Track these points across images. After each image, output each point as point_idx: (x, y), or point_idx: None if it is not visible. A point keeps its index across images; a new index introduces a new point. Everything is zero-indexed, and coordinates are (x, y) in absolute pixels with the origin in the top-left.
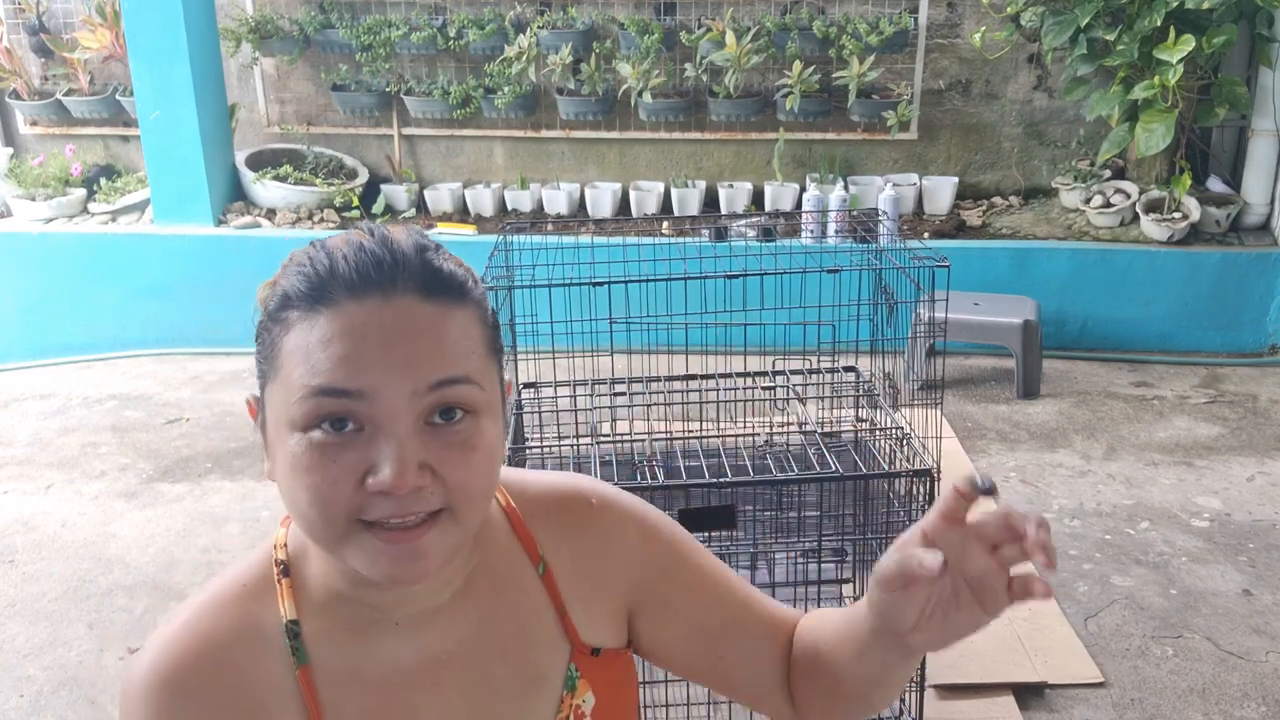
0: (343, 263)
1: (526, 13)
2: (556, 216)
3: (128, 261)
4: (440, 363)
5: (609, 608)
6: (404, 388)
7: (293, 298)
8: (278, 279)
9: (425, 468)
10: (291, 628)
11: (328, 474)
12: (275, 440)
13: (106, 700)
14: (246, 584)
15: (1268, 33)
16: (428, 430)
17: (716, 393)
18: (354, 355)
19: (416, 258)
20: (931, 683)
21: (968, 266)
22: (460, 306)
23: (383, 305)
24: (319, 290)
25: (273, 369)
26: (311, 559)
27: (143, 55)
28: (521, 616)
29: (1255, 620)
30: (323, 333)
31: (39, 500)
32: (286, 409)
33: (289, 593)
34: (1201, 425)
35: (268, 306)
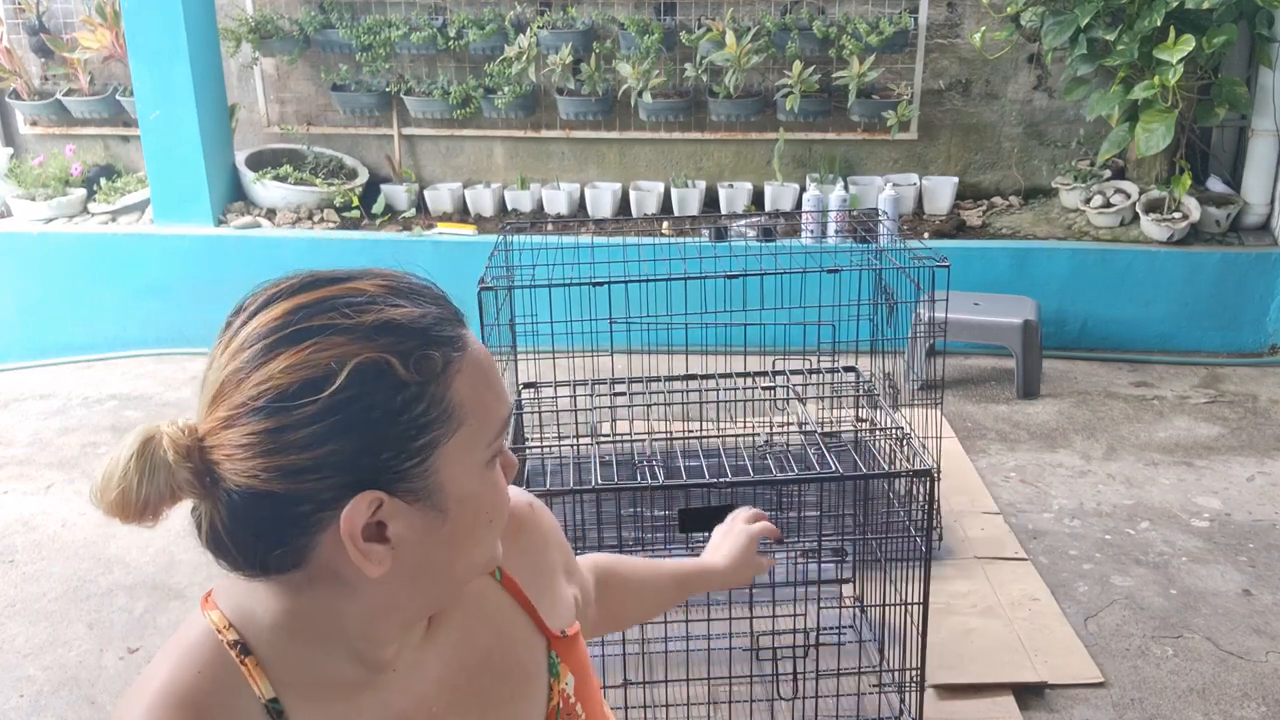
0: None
1: (526, 13)
2: (556, 216)
3: (128, 261)
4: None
5: (557, 591)
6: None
7: (436, 344)
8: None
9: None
10: (273, 706)
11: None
12: (470, 492)
13: (106, 700)
14: (203, 671)
15: (1268, 33)
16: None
17: (716, 393)
18: (496, 380)
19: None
20: (931, 683)
21: (968, 266)
22: None
23: (468, 333)
24: (439, 325)
25: (450, 424)
26: (275, 630)
27: (143, 55)
28: (495, 625)
29: (1255, 620)
30: (477, 362)
31: (39, 500)
32: (488, 444)
33: (257, 671)
34: (1201, 425)
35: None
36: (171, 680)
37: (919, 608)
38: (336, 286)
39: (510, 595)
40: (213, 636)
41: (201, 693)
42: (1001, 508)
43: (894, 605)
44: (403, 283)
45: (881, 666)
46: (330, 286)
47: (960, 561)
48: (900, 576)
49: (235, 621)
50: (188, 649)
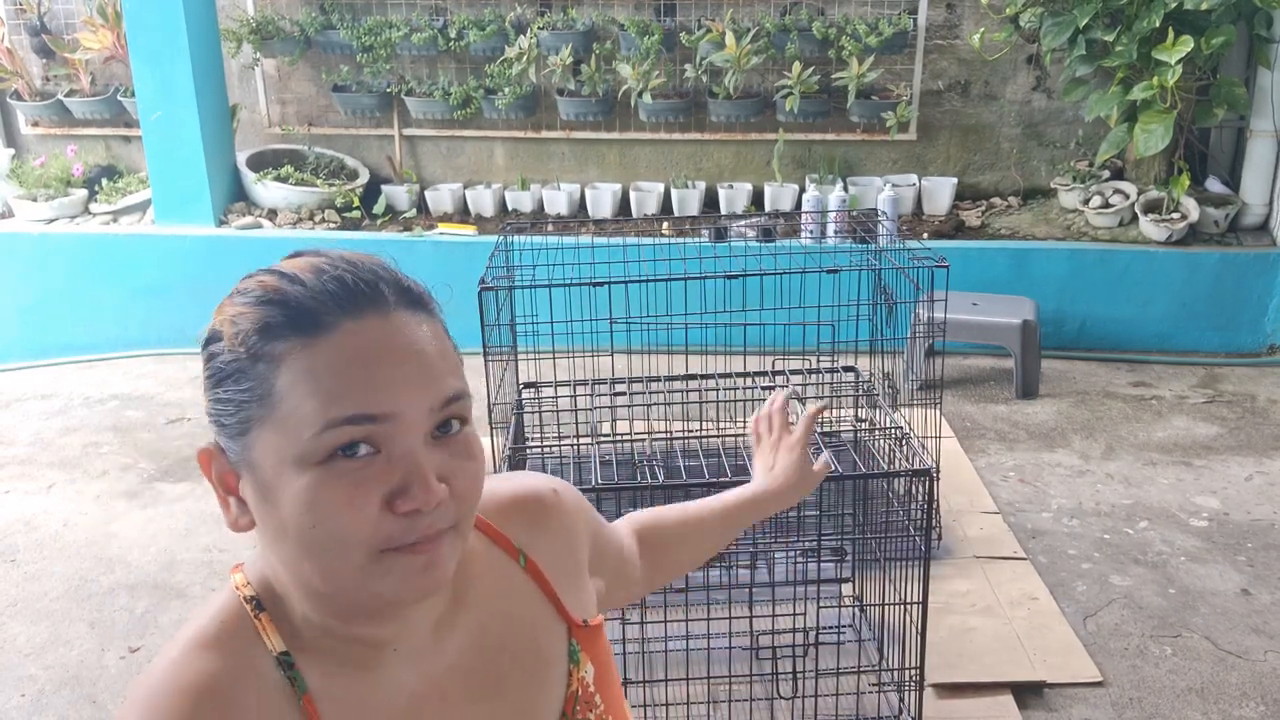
0: (325, 284)
1: (527, 14)
2: (557, 217)
3: (129, 262)
4: (444, 377)
5: (581, 580)
6: (421, 406)
7: (278, 327)
8: (239, 313)
9: (442, 480)
10: (284, 659)
11: (353, 500)
12: (273, 484)
13: (107, 699)
14: (224, 621)
15: (1266, 33)
16: (433, 444)
17: (716, 393)
18: (371, 377)
19: (390, 273)
20: (930, 682)
21: (967, 267)
22: (435, 319)
23: (381, 321)
24: (309, 315)
25: (264, 409)
26: (286, 598)
27: (144, 56)
28: (516, 610)
29: (1254, 619)
30: (328, 359)
31: (40, 500)
32: (296, 445)
33: (271, 627)
34: (1200, 425)
35: (244, 343)
36: (195, 630)
37: (918, 607)
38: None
39: (533, 581)
40: (234, 594)
41: (221, 639)
42: (1000, 507)
43: (893, 604)
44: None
45: (881, 665)
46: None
47: (959, 561)
48: (900, 576)
49: (254, 580)
50: (212, 605)
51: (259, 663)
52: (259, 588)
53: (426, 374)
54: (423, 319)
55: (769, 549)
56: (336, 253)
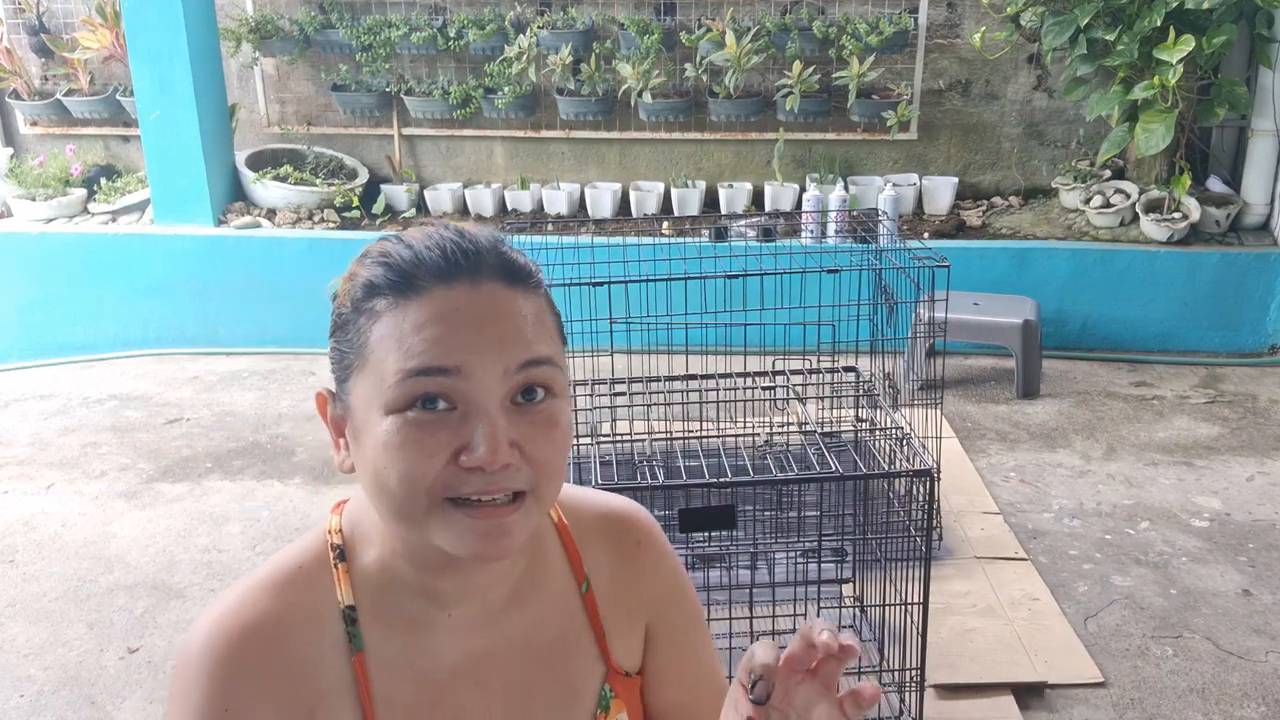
0: (427, 252)
1: (526, 13)
2: (557, 217)
3: (128, 261)
4: (527, 344)
5: (637, 632)
6: (496, 367)
7: (380, 286)
8: (355, 272)
9: (514, 445)
10: (349, 613)
11: (423, 450)
12: (363, 427)
13: (106, 700)
14: (303, 565)
15: (1267, 33)
16: (514, 410)
17: (716, 393)
18: (448, 336)
19: (494, 248)
20: (931, 682)
21: (967, 266)
22: (535, 294)
23: (470, 290)
24: (407, 278)
25: (360, 358)
26: (369, 544)
27: (143, 55)
28: (562, 630)
29: (1255, 620)
30: (416, 318)
31: (39, 500)
32: (380, 394)
33: (345, 578)
34: (1201, 425)
35: (351, 297)
36: (276, 568)
37: (919, 607)
38: (417, 225)
39: (586, 612)
40: (323, 538)
41: (295, 582)
42: (1001, 507)
43: (894, 605)
44: (442, 232)
45: (881, 666)
46: (416, 225)
47: (960, 561)
48: (900, 576)
49: (345, 527)
50: (303, 544)
51: (324, 612)
52: (349, 532)
53: (506, 338)
54: (518, 292)
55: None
56: (456, 224)
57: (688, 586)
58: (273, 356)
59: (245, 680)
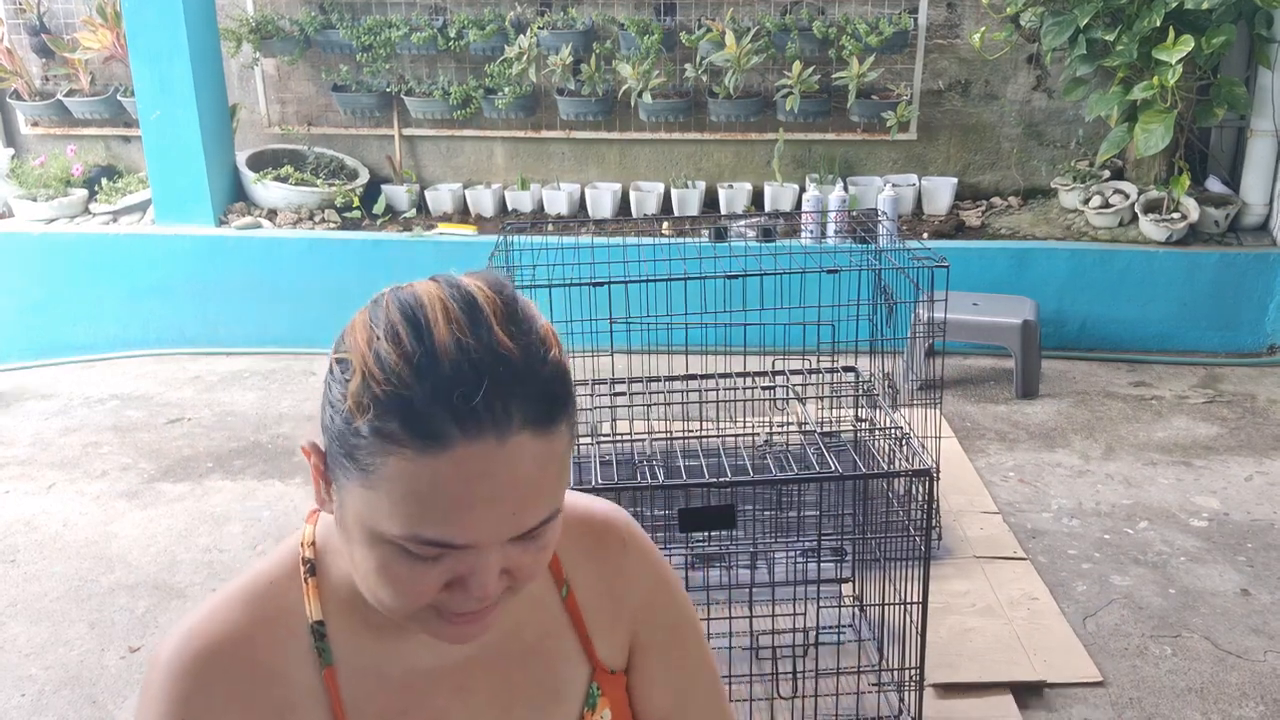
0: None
1: (527, 13)
2: (557, 217)
3: (129, 262)
4: (539, 506)
5: (622, 633)
6: (504, 534)
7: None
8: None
9: (505, 573)
10: (317, 628)
11: (413, 578)
12: (351, 529)
13: (108, 700)
14: (274, 580)
15: (1267, 33)
16: (511, 545)
17: (716, 393)
18: (466, 511)
19: (533, 379)
20: (930, 682)
21: (967, 267)
22: (564, 420)
23: (497, 448)
24: (427, 426)
25: (362, 475)
26: (340, 558)
27: (143, 55)
28: (543, 634)
29: (1254, 620)
30: (433, 479)
31: (40, 500)
32: (376, 524)
33: (315, 592)
34: (1200, 425)
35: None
36: (247, 581)
37: (918, 607)
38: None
39: (568, 613)
40: (295, 552)
41: (267, 597)
42: (1000, 507)
43: (893, 604)
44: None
45: (881, 665)
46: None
47: (959, 561)
48: (899, 576)
49: (319, 539)
50: (276, 557)
51: (294, 627)
52: (321, 545)
53: (520, 507)
54: (544, 441)
55: (769, 549)
56: (493, 333)
57: (676, 588)
58: (273, 356)
59: (209, 694)
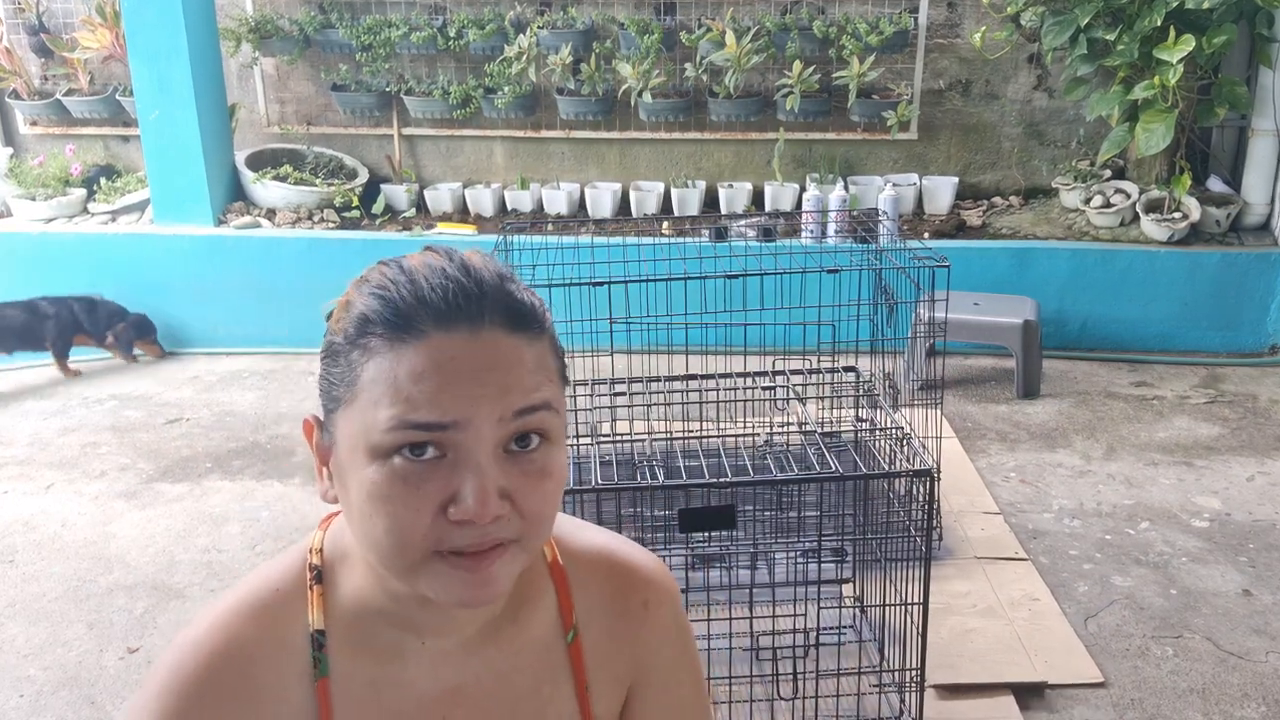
0: (428, 290)
1: (526, 13)
2: (556, 216)
3: (128, 261)
4: (524, 391)
5: (620, 688)
6: (491, 416)
7: (375, 323)
8: (351, 299)
9: (505, 496)
10: (317, 638)
11: (409, 502)
12: (348, 465)
13: (106, 700)
14: (279, 588)
15: (1268, 33)
16: (506, 458)
17: (716, 393)
18: (445, 389)
19: (500, 287)
20: (931, 683)
21: (968, 266)
22: (539, 338)
23: (470, 338)
24: (405, 319)
25: (350, 394)
26: (348, 568)
27: (142, 55)
28: (540, 676)
29: (1255, 620)
30: (412, 365)
31: (39, 500)
32: (367, 436)
33: (319, 601)
34: (1201, 425)
35: (345, 329)
36: (253, 589)
37: (919, 608)
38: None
39: (570, 663)
40: (303, 559)
41: (269, 606)
42: (1001, 508)
43: (894, 605)
44: (449, 267)
45: (881, 666)
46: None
47: (960, 561)
48: (900, 576)
49: (327, 546)
50: (283, 563)
51: (294, 637)
52: (330, 553)
53: (505, 387)
54: (522, 338)
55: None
56: (462, 256)
57: (693, 659)
58: (272, 356)
59: (198, 710)
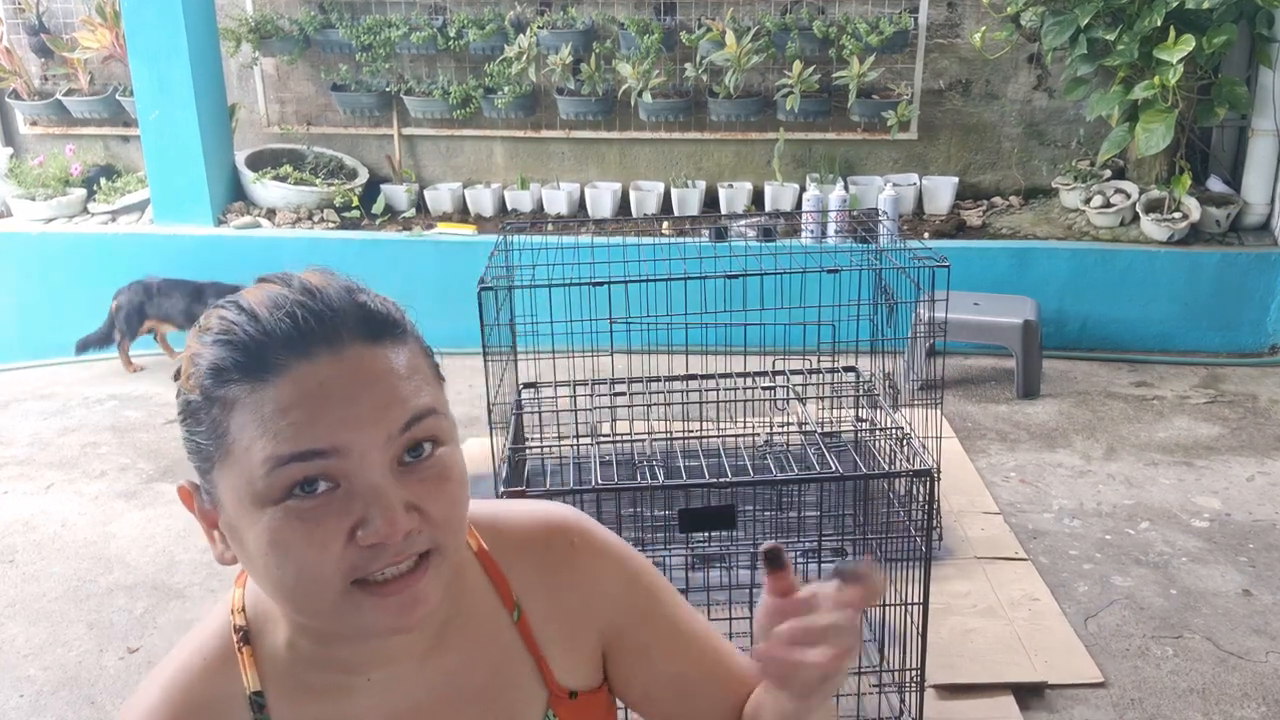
0: (275, 323)
1: (526, 13)
2: (556, 216)
3: (128, 261)
4: (403, 402)
5: (586, 648)
6: (377, 436)
7: (229, 369)
8: (197, 352)
9: (411, 508)
10: (256, 699)
11: (313, 540)
12: (238, 521)
13: (106, 700)
14: (206, 658)
15: (1268, 33)
16: (402, 471)
17: (716, 393)
18: (319, 416)
19: (350, 301)
20: (931, 683)
21: (968, 266)
22: (403, 342)
23: (333, 359)
24: (258, 358)
25: (221, 450)
26: (274, 621)
27: (142, 55)
28: (495, 665)
29: (1255, 620)
30: (277, 401)
31: (39, 500)
32: (251, 486)
33: (250, 662)
34: (1201, 425)
35: (199, 384)
36: (180, 662)
37: (919, 608)
38: (254, 287)
39: (521, 638)
40: (226, 621)
41: (195, 682)
42: (1001, 508)
43: (894, 605)
44: (290, 294)
45: (881, 666)
46: (254, 286)
47: (960, 561)
48: (900, 576)
49: (249, 602)
50: (207, 629)
51: (231, 703)
52: (251, 609)
53: (383, 404)
54: (387, 347)
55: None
56: (300, 279)
57: (638, 566)
58: None
59: None
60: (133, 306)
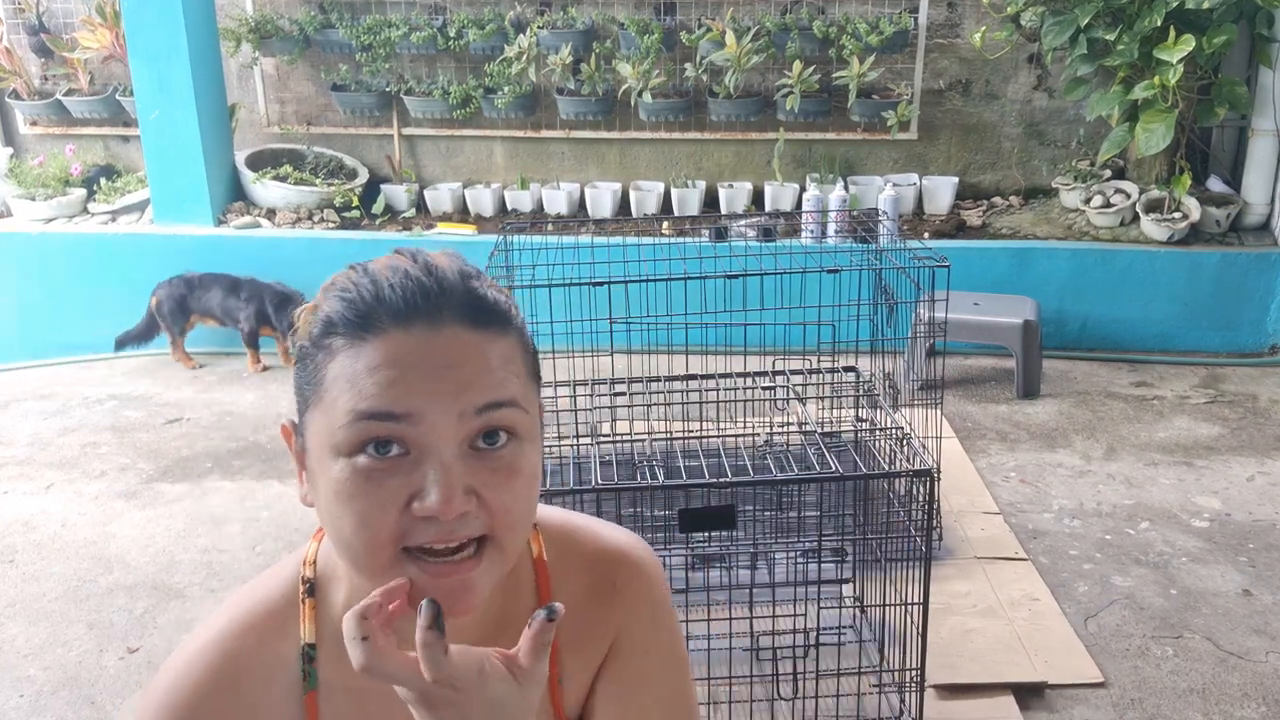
0: (388, 290)
1: (526, 13)
2: (556, 216)
3: (128, 262)
4: (486, 387)
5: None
6: (451, 410)
7: (337, 324)
8: (319, 304)
9: (470, 493)
10: (307, 651)
11: (373, 499)
12: (317, 466)
13: (106, 700)
14: (271, 605)
15: (1268, 33)
16: (472, 455)
17: (716, 393)
18: (400, 381)
19: (461, 285)
20: (931, 683)
21: (968, 266)
22: (504, 334)
23: (430, 335)
24: (365, 318)
25: (316, 394)
26: (340, 579)
27: (142, 55)
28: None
29: (1255, 620)
30: (370, 360)
31: (39, 500)
32: (330, 434)
33: (311, 613)
34: (1201, 425)
35: (310, 332)
36: (245, 607)
37: (919, 608)
38: (388, 256)
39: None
40: (296, 570)
41: (267, 622)
42: (1001, 508)
43: (894, 605)
44: (412, 267)
45: (881, 666)
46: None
47: (960, 561)
48: (900, 576)
49: (320, 558)
50: (277, 577)
51: (286, 651)
52: (322, 565)
53: (465, 383)
54: (486, 334)
55: (769, 549)
56: (426, 256)
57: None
58: (272, 356)
59: None
60: (175, 301)
